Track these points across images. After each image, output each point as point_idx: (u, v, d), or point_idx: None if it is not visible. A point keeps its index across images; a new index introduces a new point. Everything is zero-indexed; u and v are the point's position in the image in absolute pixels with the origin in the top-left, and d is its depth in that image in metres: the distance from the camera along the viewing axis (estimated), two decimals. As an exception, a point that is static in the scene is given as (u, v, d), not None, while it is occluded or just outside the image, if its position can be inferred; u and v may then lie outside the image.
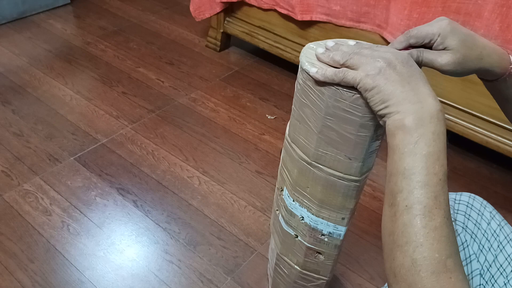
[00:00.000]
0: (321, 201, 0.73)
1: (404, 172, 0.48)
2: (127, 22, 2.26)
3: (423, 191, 0.46)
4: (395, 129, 0.50)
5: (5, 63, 1.89)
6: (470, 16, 1.26)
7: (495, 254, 0.70)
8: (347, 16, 1.53)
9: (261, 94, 1.80)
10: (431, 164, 0.47)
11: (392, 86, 0.50)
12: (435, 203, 0.46)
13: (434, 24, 0.58)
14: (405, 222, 0.46)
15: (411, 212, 0.46)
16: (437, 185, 0.47)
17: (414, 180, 0.47)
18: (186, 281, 1.12)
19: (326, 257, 0.82)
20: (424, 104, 0.49)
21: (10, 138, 1.51)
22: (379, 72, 0.51)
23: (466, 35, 0.58)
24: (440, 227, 0.45)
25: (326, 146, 0.66)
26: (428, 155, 0.47)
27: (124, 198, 1.33)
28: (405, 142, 0.49)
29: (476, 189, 1.43)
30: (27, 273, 1.12)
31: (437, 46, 0.58)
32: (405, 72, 0.51)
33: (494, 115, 1.38)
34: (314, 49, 0.63)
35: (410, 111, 0.49)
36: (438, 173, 0.47)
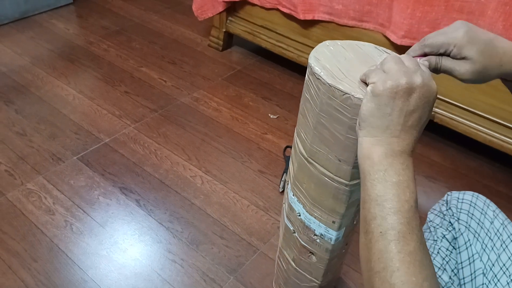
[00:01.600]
0: (314, 200, 0.73)
1: (376, 199, 0.49)
2: (129, 22, 2.27)
3: (396, 217, 0.47)
4: (365, 154, 0.51)
5: (8, 62, 1.89)
6: (473, 14, 1.26)
7: (498, 253, 0.70)
8: (350, 15, 1.53)
9: (264, 94, 1.80)
10: (402, 191, 0.48)
11: (390, 110, 0.49)
12: (408, 229, 0.46)
13: (449, 34, 0.57)
14: (381, 248, 0.47)
15: (385, 238, 0.47)
16: (409, 211, 0.47)
17: (386, 206, 0.48)
18: (189, 280, 1.13)
19: (318, 260, 0.82)
20: (401, 141, 0.50)
21: (13, 137, 1.51)
22: (395, 88, 0.49)
23: (486, 43, 0.56)
24: (415, 251, 0.46)
25: (320, 144, 0.66)
26: (399, 183, 0.48)
27: (127, 198, 1.33)
28: (375, 169, 0.50)
29: (479, 188, 1.43)
30: (30, 272, 1.12)
31: (454, 56, 0.57)
32: (413, 106, 0.49)
33: (497, 114, 1.37)
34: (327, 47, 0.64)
35: (384, 141, 0.50)
36: (409, 200, 0.48)
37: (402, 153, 0.49)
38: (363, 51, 0.65)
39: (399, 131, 0.49)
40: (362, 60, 0.62)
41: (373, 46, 0.66)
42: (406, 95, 0.49)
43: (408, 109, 0.49)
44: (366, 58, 0.63)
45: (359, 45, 0.66)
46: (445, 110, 1.47)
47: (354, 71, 0.60)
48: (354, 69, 0.60)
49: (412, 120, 0.49)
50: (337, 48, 0.65)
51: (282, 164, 1.48)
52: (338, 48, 0.65)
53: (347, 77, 0.59)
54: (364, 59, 0.63)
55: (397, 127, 0.49)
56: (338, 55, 0.63)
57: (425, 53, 0.59)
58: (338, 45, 0.65)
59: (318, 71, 0.60)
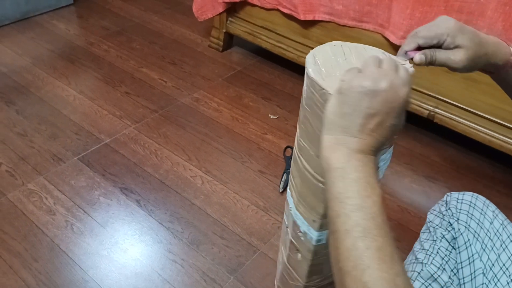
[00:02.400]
0: (300, 195, 0.74)
1: (338, 197, 0.48)
2: (129, 22, 2.27)
3: (360, 213, 0.46)
4: (325, 153, 0.51)
5: (9, 63, 1.89)
6: (472, 15, 1.26)
7: (498, 253, 0.70)
8: (350, 16, 1.53)
9: (264, 94, 1.80)
10: (362, 187, 0.47)
11: (351, 110, 0.49)
12: (374, 224, 0.45)
13: (441, 25, 0.59)
14: (348, 246, 0.45)
15: (351, 235, 0.45)
16: (372, 206, 0.46)
17: (348, 203, 0.47)
18: (189, 280, 1.13)
19: (303, 258, 0.82)
20: (361, 141, 0.49)
21: (14, 138, 1.52)
22: (358, 87, 0.49)
23: (473, 33, 0.59)
24: (383, 246, 0.44)
25: (305, 138, 0.67)
26: (357, 179, 0.48)
27: (128, 198, 1.33)
28: (333, 167, 0.49)
29: (478, 188, 1.43)
30: (31, 272, 1.12)
31: (448, 46, 0.59)
32: (375, 109, 0.49)
33: (497, 114, 1.37)
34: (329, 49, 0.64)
35: (342, 142, 0.50)
36: (371, 195, 0.47)
37: (360, 152, 0.49)
38: (365, 55, 0.64)
39: (358, 132, 0.49)
40: (361, 63, 0.62)
41: (380, 51, 0.65)
42: (369, 98, 0.48)
43: (369, 112, 0.48)
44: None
45: (366, 49, 0.65)
46: (445, 110, 1.47)
47: None
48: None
49: (372, 124, 0.49)
50: (340, 48, 0.65)
51: (282, 164, 1.48)
52: (341, 48, 0.65)
53: (335, 75, 0.59)
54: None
55: (356, 127, 0.49)
56: (338, 55, 0.64)
57: (418, 45, 0.60)
58: (343, 46, 0.65)
59: (308, 66, 0.61)
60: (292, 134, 1.60)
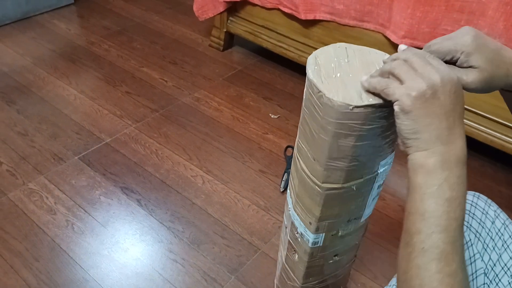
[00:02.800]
0: (297, 196, 0.74)
1: (424, 214, 0.46)
2: (130, 22, 2.27)
3: (442, 235, 0.45)
4: (418, 167, 0.48)
5: (10, 63, 1.89)
6: (473, 15, 1.26)
7: (500, 253, 0.70)
8: (351, 15, 1.53)
9: (265, 94, 1.80)
10: (453, 209, 0.46)
11: (429, 118, 0.47)
12: (452, 248, 0.45)
13: (457, 40, 0.54)
14: (420, 264, 0.45)
15: (426, 255, 0.45)
16: (456, 230, 0.45)
17: (433, 223, 0.46)
18: (190, 279, 1.13)
19: (299, 260, 0.82)
20: (454, 147, 0.47)
21: (15, 137, 1.52)
22: (422, 96, 0.47)
23: (493, 52, 0.54)
24: (455, 272, 0.44)
25: (303, 139, 0.67)
26: (451, 199, 0.46)
27: (128, 197, 1.33)
28: (428, 183, 0.47)
29: (480, 188, 1.43)
30: (32, 271, 1.12)
31: (461, 64, 0.54)
32: (448, 105, 0.47)
33: (498, 114, 1.37)
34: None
35: (438, 152, 0.47)
36: (458, 218, 0.46)
37: (457, 163, 0.47)
38: (369, 58, 0.63)
39: (448, 136, 0.47)
40: (364, 66, 0.62)
41: (386, 55, 0.65)
42: (436, 98, 0.47)
43: (445, 110, 0.47)
44: (368, 65, 0.62)
45: (371, 52, 0.64)
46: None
47: (347, 75, 0.59)
48: (348, 73, 0.60)
49: (454, 118, 0.47)
50: (344, 50, 0.64)
51: (283, 164, 1.48)
52: (345, 51, 0.64)
53: (335, 78, 0.59)
54: (366, 66, 0.62)
55: (445, 132, 0.47)
56: (341, 57, 0.63)
57: None
58: (347, 49, 0.64)
59: (308, 67, 0.60)
60: (292, 134, 1.60)
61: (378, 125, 0.57)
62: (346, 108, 0.55)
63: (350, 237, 0.79)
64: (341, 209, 0.70)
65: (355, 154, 0.61)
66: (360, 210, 0.73)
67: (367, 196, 0.71)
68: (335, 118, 0.57)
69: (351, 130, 0.57)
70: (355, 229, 0.78)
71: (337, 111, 0.56)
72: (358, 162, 0.62)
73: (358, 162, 0.62)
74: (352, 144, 0.59)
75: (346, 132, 0.58)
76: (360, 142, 0.59)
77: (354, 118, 0.56)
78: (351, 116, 0.56)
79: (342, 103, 0.55)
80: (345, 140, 0.59)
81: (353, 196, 0.69)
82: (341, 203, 0.69)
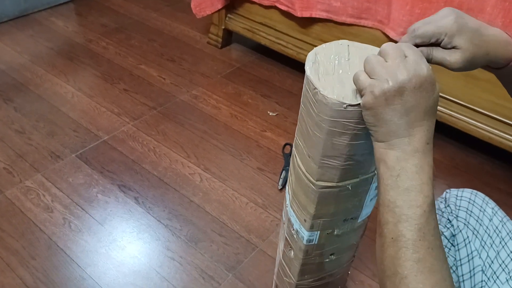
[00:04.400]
0: (293, 193, 0.74)
1: (388, 205, 0.49)
2: (128, 20, 2.26)
3: (407, 224, 0.47)
4: (378, 160, 0.51)
5: (7, 60, 1.89)
6: (472, 11, 1.26)
7: (497, 251, 0.69)
8: (348, 13, 1.52)
9: (263, 91, 1.80)
10: (414, 197, 0.48)
11: (389, 115, 0.48)
12: (418, 235, 0.47)
13: (439, 22, 0.56)
14: (392, 254, 0.48)
15: (396, 244, 0.47)
16: (421, 217, 0.47)
17: (397, 213, 0.48)
18: (188, 277, 1.12)
19: (295, 256, 0.82)
20: (412, 139, 0.48)
21: (12, 135, 1.51)
22: (383, 94, 0.48)
23: (473, 32, 0.56)
24: (424, 258, 0.46)
25: (300, 136, 0.66)
26: (411, 188, 0.48)
27: (126, 195, 1.33)
28: (387, 175, 0.49)
29: (478, 185, 1.43)
30: (28, 270, 1.12)
31: (445, 45, 0.56)
32: (410, 101, 0.48)
33: (497, 111, 1.37)
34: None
35: (394, 144, 0.49)
36: (422, 205, 0.47)
37: (414, 153, 0.48)
38: (367, 54, 0.62)
39: (406, 131, 0.48)
40: (363, 63, 0.61)
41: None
42: (398, 96, 0.47)
43: (407, 107, 0.48)
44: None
45: (373, 50, 0.63)
46: (445, 107, 1.46)
47: (346, 73, 0.59)
48: (347, 71, 0.59)
49: (415, 115, 0.48)
50: (346, 48, 0.63)
51: (281, 161, 1.48)
52: (347, 48, 0.63)
53: (333, 75, 0.58)
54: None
55: (402, 127, 0.48)
56: (342, 54, 0.62)
57: (416, 44, 0.59)
58: (350, 46, 0.63)
59: (307, 63, 0.60)
60: (291, 131, 1.59)
61: None
62: (340, 106, 0.55)
63: (347, 237, 0.79)
64: (337, 208, 0.70)
65: (350, 153, 0.60)
66: (357, 210, 0.73)
67: (364, 197, 0.70)
68: (329, 116, 0.56)
69: (345, 129, 0.57)
70: (352, 228, 0.77)
71: (331, 108, 0.55)
72: (353, 161, 0.62)
73: (353, 162, 0.62)
74: (346, 143, 0.59)
75: (340, 131, 0.57)
76: (355, 142, 0.59)
77: (348, 117, 0.55)
78: (345, 114, 0.55)
79: (336, 101, 0.54)
80: (339, 139, 0.58)
81: (349, 196, 0.68)
82: (336, 202, 0.68)
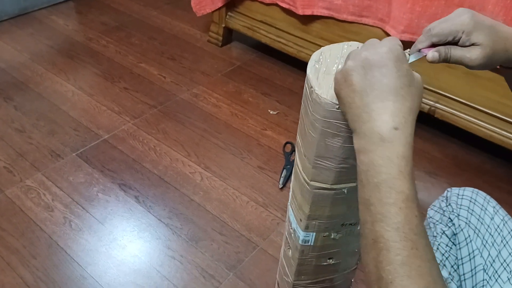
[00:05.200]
0: (293, 191, 0.73)
1: (364, 202, 0.45)
2: (128, 18, 2.26)
3: (383, 223, 0.43)
4: (356, 153, 0.47)
5: (7, 59, 1.88)
6: (473, 9, 1.24)
7: (499, 249, 0.69)
8: (349, 10, 1.51)
9: (263, 89, 1.79)
10: (384, 194, 0.43)
11: (349, 97, 0.47)
12: (398, 236, 0.42)
13: (455, 20, 0.55)
14: (374, 256, 0.43)
15: (376, 246, 0.43)
16: (396, 215, 0.42)
17: (373, 211, 0.44)
18: (188, 276, 1.12)
19: (292, 256, 0.81)
20: (374, 124, 0.45)
21: (12, 134, 1.51)
22: (342, 76, 0.48)
23: (490, 29, 0.55)
24: (408, 261, 0.41)
25: (299, 135, 0.66)
26: (380, 183, 0.43)
27: (126, 194, 1.33)
28: (359, 170, 0.46)
29: (479, 183, 1.42)
30: (29, 269, 1.12)
31: (463, 43, 0.56)
32: (370, 80, 0.46)
33: (498, 109, 1.36)
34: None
35: (361, 133, 0.46)
36: (396, 202, 0.43)
37: (381, 142, 0.44)
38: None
39: (367, 114, 0.45)
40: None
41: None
42: (356, 75, 0.46)
43: (366, 85, 0.46)
44: None
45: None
46: (446, 105, 1.46)
47: None
48: None
49: (377, 94, 0.45)
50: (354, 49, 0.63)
51: (281, 160, 1.47)
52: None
53: (334, 75, 0.58)
54: None
55: (364, 109, 0.45)
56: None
57: (432, 43, 0.58)
58: (357, 48, 0.63)
59: (310, 61, 0.60)
60: (291, 130, 1.59)
61: None
62: (332, 106, 0.54)
63: (347, 243, 0.78)
64: (333, 211, 0.69)
65: (344, 156, 0.59)
66: (356, 217, 0.72)
67: None
68: (322, 116, 0.56)
69: (338, 130, 0.56)
70: (352, 235, 0.76)
71: (324, 108, 0.55)
72: (348, 165, 0.61)
73: (347, 165, 0.61)
74: (339, 145, 0.58)
75: (334, 132, 0.57)
76: (349, 144, 0.58)
77: (340, 118, 0.55)
78: (337, 115, 0.55)
79: (329, 101, 0.54)
80: (333, 140, 0.58)
81: (345, 200, 0.67)
82: (332, 205, 0.68)
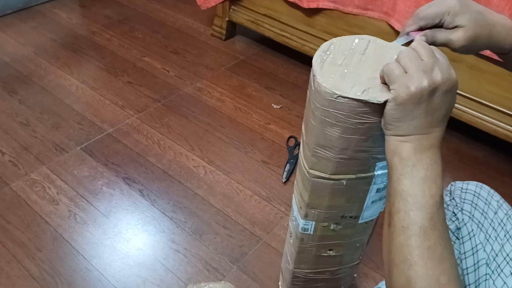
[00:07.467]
0: (297, 179, 0.75)
1: (401, 194, 0.49)
2: (132, 11, 2.25)
3: (420, 212, 0.48)
4: (393, 150, 0.51)
5: (11, 52, 1.89)
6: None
7: (502, 244, 0.69)
8: (354, 3, 1.51)
9: (267, 83, 1.79)
10: (428, 186, 0.49)
11: (417, 113, 0.49)
12: (430, 224, 0.47)
13: (442, 3, 0.57)
14: (401, 242, 0.48)
15: (407, 232, 0.48)
16: (433, 206, 0.48)
17: (410, 202, 0.48)
18: (192, 269, 1.13)
19: (293, 243, 0.83)
20: (430, 136, 0.50)
21: (17, 127, 1.52)
22: (419, 93, 0.48)
23: (477, 13, 0.57)
24: (434, 246, 0.47)
25: (304, 123, 0.67)
26: (426, 178, 0.49)
27: (130, 188, 1.33)
28: (403, 165, 0.50)
29: (483, 178, 1.42)
30: (34, 261, 1.13)
31: (448, 25, 0.57)
32: (438, 102, 0.49)
33: (502, 104, 1.36)
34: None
35: (412, 139, 0.50)
36: (435, 195, 0.48)
37: (431, 147, 0.50)
38: (388, 55, 0.59)
39: (427, 129, 0.50)
40: (377, 62, 0.58)
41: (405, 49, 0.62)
42: (430, 96, 0.48)
43: (433, 108, 0.49)
44: (382, 62, 0.55)
45: (393, 48, 0.61)
46: (450, 99, 1.46)
47: (354, 67, 0.58)
48: (356, 66, 0.58)
49: (438, 115, 0.50)
50: (365, 43, 0.62)
51: (285, 154, 1.47)
52: (366, 44, 0.61)
53: (339, 66, 0.58)
54: (379, 62, 0.57)
55: (425, 125, 0.50)
56: (358, 49, 0.61)
57: (420, 27, 0.59)
58: (370, 42, 0.62)
59: (317, 51, 0.60)
60: (295, 124, 1.59)
61: (366, 121, 0.56)
62: (331, 95, 0.55)
63: (347, 235, 0.79)
64: (332, 202, 0.70)
65: (342, 147, 0.60)
66: (357, 209, 0.73)
67: (364, 197, 0.70)
68: (321, 105, 0.57)
69: (337, 120, 0.57)
70: (352, 227, 0.77)
71: (323, 97, 0.56)
72: (346, 156, 0.61)
73: (346, 156, 0.62)
74: (338, 135, 0.59)
75: (332, 121, 0.58)
76: (347, 135, 0.58)
77: (339, 108, 0.56)
78: (335, 105, 0.55)
79: (329, 90, 0.55)
80: (331, 129, 0.59)
81: (344, 192, 0.68)
82: (331, 195, 0.69)
